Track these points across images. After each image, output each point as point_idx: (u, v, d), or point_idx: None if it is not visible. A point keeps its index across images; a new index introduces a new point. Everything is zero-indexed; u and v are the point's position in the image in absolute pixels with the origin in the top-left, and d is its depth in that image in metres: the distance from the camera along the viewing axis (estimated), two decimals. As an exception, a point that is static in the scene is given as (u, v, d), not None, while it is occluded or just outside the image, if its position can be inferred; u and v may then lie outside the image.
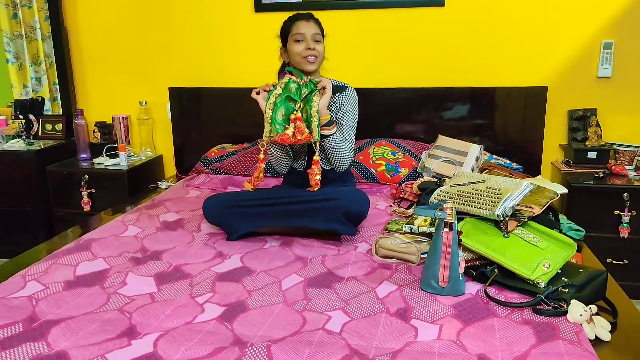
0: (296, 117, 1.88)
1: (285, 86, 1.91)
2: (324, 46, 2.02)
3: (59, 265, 1.69)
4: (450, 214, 1.46)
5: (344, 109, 2.05)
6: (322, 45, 2.01)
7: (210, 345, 1.22)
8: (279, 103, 1.90)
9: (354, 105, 2.07)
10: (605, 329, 1.28)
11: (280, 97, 1.90)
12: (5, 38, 3.14)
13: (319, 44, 1.99)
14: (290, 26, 1.99)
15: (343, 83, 2.10)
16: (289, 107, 1.91)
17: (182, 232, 2.01)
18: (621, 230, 2.40)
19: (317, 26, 2.01)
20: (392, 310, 1.40)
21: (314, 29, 1.98)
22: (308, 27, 1.97)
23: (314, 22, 2.00)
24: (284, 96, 1.91)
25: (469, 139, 2.73)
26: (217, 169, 2.80)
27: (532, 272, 1.44)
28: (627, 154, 2.66)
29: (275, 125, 1.89)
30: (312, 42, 1.96)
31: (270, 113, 1.89)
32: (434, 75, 2.86)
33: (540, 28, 2.74)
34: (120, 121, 3.14)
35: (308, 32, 1.96)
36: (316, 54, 1.98)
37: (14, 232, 2.98)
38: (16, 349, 1.21)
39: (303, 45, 1.96)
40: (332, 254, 1.79)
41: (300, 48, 1.97)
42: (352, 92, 2.08)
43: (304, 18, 1.99)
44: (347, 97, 2.06)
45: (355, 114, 2.07)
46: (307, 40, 1.96)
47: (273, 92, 1.90)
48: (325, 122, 1.91)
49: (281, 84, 1.91)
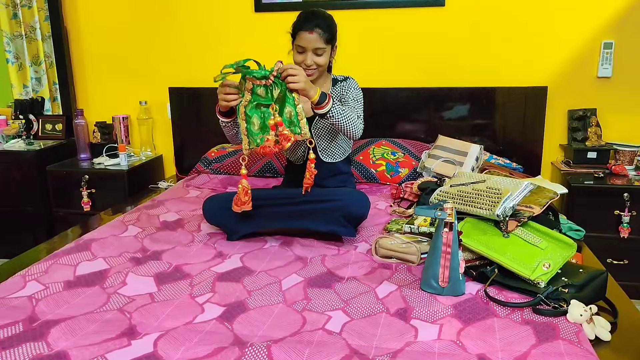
0: (276, 122, 1.72)
1: (253, 92, 1.74)
2: (327, 55, 1.97)
3: (59, 265, 1.69)
4: (450, 214, 1.46)
5: (346, 95, 2.02)
6: (324, 56, 1.95)
7: (210, 345, 1.22)
8: (250, 112, 1.74)
9: (356, 91, 2.03)
10: (605, 329, 1.28)
11: (249, 104, 1.74)
12: (5, 38, 3.14)
13: (320, 56, 1.94)
14: (295, 34, 1.95)
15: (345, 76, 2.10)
16: (263, 113, 1.74)
17: (182, 232, 2.01)
18: (621, 230, 2.40)
19: (320, 37, 1.91)
20: (392, 310, 1.40)
21: (315, 42, 1.91)
22: (309, 41, 1.91)
23: (317, 34, 1.90)
24: (253, 103, 1.74)
25: (469, 139, 2.73)
26: (217, 169, 2.80)
27: (532, 272, 1.44)
28: (627, 154, 2.66)
29: (253, 137, 1.75)
30: (311, 57, 1.93)
31: (245, 124, 1.75)
32: (434, 75, 2.86)
33: (541, 28, 2.74)
34: (120, 121, 3.14)
35: (309, 46, 1.92)
36: (314, 67, 1.94)
37: (14, 232, 2.98)
38: (16, 349, 1.21)
39: (303, 57, 1.94)
40: (332, 254, 1.79)
41: (299, 59, 1.95)
42: (354, 81, 2.07)
43: (307, 29, 1.91)
44: (348, 85, 2.04)
45: (359, 96, 2.02)
46: (306, 54, 1.93)
47: (240, 103, 1.74)
48: (317, 100, 1.79)
49: (247, 91, 1.73)
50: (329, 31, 1.93)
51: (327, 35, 1.93)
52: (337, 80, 2.09)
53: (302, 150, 2.07)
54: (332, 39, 1.96)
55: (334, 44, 2.00)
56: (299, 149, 2.07)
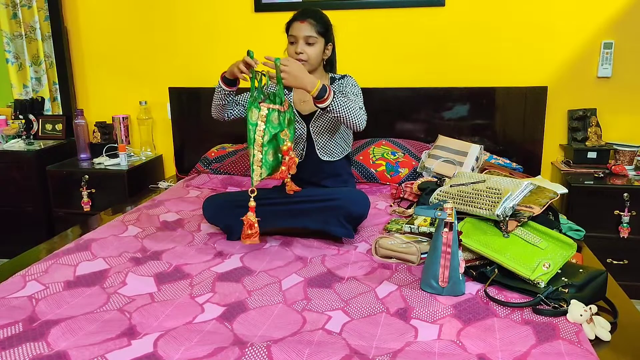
0: (288, 148, 1.74)
1: (267, 119, 1.73)
2: (320, 47, 1.96)
3: (59, 265, 1.69)
4: (450, 214, 1.46)
5: (344, 89, 2.00)
6: (315, 47, 1.94)
7: (210, 345, 1.22)
8: (267, 144, 1.74)
9: (354, 87, 2.01)
10: (605, 329, 1.28)
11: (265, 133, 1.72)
12: (5, 38, 3.14)
13: (311, 46, 1.93)
14: (289, 25, 1.98)
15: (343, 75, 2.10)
16: (278, 143, 1.76)
17: (182, 232, 2.01)
18: (621, 230, 2.40)
19: (313, 27, 1.92)
20: (392, 310, 1.40)
21: (306, 30, 1.92)
22: (300, 29, 1.92)
23: (309, 23, 1.92)
24: (270, 135, 1.73)
25: (469, 139, 2.73)
26: (217, 169, 2.80)
27: (532, 272, 1.44)
28: (627, 154, 2.65)
29: (267, 167, 1.75)
30: (302, 46, 1.92)
31: (260, 156, 1.74)
32: (434, 75, 2.86)
33: (540, 28, 2.74)
34: (120, 121, 3.13)
35: (300, 34, 1.92)
36: (304, 57, 1.93)
37: (14, 232, 2.98)
38: (16, 349, 1.21)
39: (294, 47, 1.94)
40: (332, 254, 1.79)
41: (291, 50, 1.95)
42: (351, 78, 2.06)
43: (299, 18, 1.94)
44: (346, 82, 2.04)
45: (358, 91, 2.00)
46: (298, 43, 1.93)
47: (257, 130, 1.72)
48: (317, 94, 1.76)
49: (261, 117, 1.72)
50: (321, 22, 1.94)
51: (320, 27, 1.93)
52: (335, 78, 2.09)
53: (302, 147, 2.07)
54: (325, 32, 1.97)
55: (329, 40, 2.00)
56: (298, 146, 2.07)
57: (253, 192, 1.73)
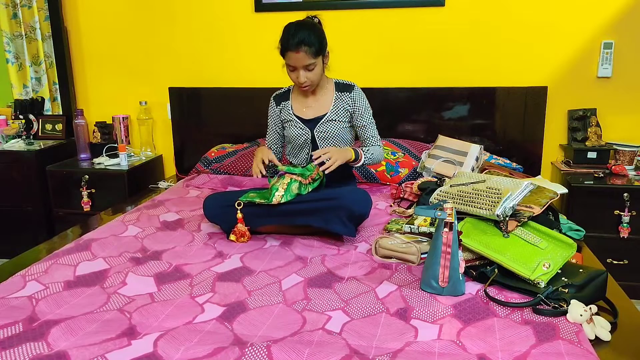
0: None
1: (287, 187, 1.88)
2: (320, 66, 1.98)
3: (59, 265, 1.69)
4: (450, 214, 1.46)
5: (358, 110, 2.08)
6: (316, 69, 1.96)
7: (210, 345, 1.22)
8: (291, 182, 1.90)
9: (365, 101, 2.11)
10: (605, 329, 1.28)
11: (283, 198, 1.87)
12: (5, 38, 3.14)
13: (312, 71, 1.96)
14: (283, 52, 1.95)
15: (348, 82, 2.12)
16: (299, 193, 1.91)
17: (182, 232, 2.01)
18: (621, 230, 2.40)
19: (308, 54, 1.90)
20: (392, 310, 1.40)
21: (303, 60, 1.91)
22: (297, 60, 1.91)
23: (304, 52, 1.89)
24: (286, 200, 1.87)
25: (469, 139, 2.74)
26: (217, 169, 2.80)
27: (532, 272, 1.44)
28: (627, 154, 2.66)
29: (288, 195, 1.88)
30: (304, 74, 1.95)
31: (282, 192, 1.88)
32: (434, 75, 2.86)
33: (540, 28, 2.74)
34: (120, 121, 3.14)
35: (298, 64, 1.93)
36: (308, 83, 1.98)
37: (14, 232, 2.98)
38: (16, 349, 1.21)
39: (295, 75, 1.97)
40: (332, 254, 1.79)
41: (293, 77, 1.99)
42: (359, 90, 2.11)
43: (293, 50, 1.89)
44: (356, 96, 2.09)
45: (369, 107, 2.12)
46: (298, 73, 1.95)
47: (276, 195, 1.86)
48: (352, 159, 2.00)
49: (282, 184, 1.88)
50: (315, 44, 1.91)
51: (314, 49, 1.91)
52: (340, 84, 2.10)
53: (306, 152, 2.10)
54: (320, 49, 1.94)
55: (324, 53, 2.00)
56: (302, 152, 2.10)
57: (240, 204, 1.87)
